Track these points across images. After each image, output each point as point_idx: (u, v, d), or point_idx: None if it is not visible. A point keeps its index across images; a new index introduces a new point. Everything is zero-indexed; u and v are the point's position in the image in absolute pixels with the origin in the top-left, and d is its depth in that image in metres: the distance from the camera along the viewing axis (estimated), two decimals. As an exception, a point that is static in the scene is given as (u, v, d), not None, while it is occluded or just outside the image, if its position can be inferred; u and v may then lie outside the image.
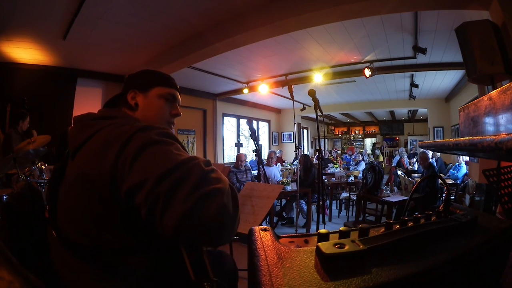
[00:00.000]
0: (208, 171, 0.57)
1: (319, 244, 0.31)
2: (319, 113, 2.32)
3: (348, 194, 4.76)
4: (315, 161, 5.09)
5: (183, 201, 0.51)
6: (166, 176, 0.54)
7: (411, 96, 7.07)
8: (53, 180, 0.75)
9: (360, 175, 6.29)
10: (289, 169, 7.83)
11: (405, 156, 8.58)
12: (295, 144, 5.71)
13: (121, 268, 0.63)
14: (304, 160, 4.52)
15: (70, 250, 0.64)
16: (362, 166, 7.14)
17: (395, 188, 4.76)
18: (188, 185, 0.53)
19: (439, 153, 5.70)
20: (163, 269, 0.66)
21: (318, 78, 4.98)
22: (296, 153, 5.86)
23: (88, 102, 4.86)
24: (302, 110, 8.21)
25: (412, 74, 5.67)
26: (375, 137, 14.35)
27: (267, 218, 3.69)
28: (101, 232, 0.62)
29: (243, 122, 8.43)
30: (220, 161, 7.43)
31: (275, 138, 10.22)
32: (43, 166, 2.80)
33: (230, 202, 0.56)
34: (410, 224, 0.40)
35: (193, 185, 0.53)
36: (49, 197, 0.74)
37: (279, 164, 7.26)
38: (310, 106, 7.77)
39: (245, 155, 4.63)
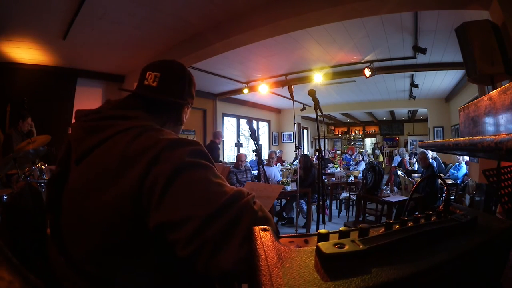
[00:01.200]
0: (257, 211, 0.52)
1: (319, 244, 0.31)
2: (319, 113, 2.31)
3: (348, 194, 4.76)
4: (315, 161, 5.09)
5: (236, 250, 0.46)
6: (215, 218, 0.48)
7: (411, 96, 7.08)
8: (53, 190, 0.66)
9: (360, 175, 6.28)
10: (289, 169, 7.84)
11: (406, 156, 8.57)
12: (295, 144, 5.70)
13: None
14: (304, 160, 4.52)
15: (78, 274, 0.58)
16: (362, 166, 7.14)
17: (395, 188, 4.76)
18: (241, 233, 0.48)
19: (435, 154, 5.70)
20: None
21: (318, 78, 4.98)
22: (296, 153, 5.86)
23: (88, 102, 4.87)
24: (302, 110, 8.22)
25: (412, 74, 5.68)
26: (375, 137, 14.35)
27: (267, 218, 3.68)
28: (116, 261, 0.55)
29: (243, 122, 8.43)
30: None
31: (275, 138, 10.22)
32: (43, 166, 2.80)
33: None
34: (410, 224, 0.40)
35: (246, 232, 0.47)
36: (50, 210, 0.66)
37: (279, 164, 7.26)
38: (310, 106, 7.77)
39: (245, 155, 4.63)
